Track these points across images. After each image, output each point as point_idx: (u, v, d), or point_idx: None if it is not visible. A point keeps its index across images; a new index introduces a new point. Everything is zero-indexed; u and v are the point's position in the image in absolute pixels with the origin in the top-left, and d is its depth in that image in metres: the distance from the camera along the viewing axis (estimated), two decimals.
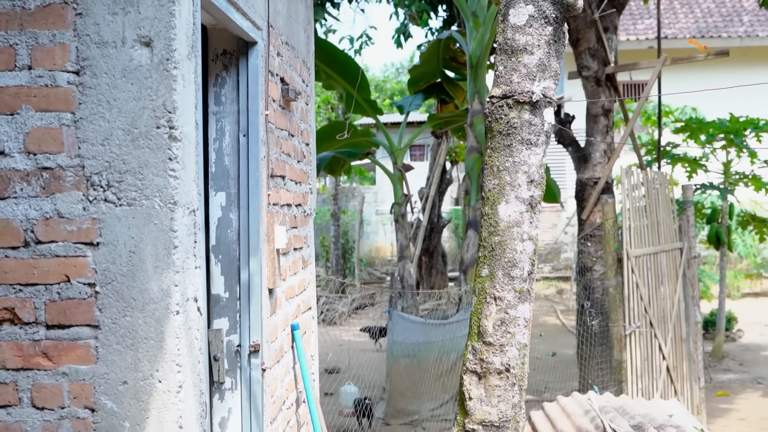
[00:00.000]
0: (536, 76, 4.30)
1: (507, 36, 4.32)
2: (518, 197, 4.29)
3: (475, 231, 12.05)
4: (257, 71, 3.97)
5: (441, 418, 10.61)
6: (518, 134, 4.27)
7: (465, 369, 4.36)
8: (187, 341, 2.86)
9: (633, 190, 8.26)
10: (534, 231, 4.33)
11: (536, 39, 4.30)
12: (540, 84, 4.31)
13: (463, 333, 10.84)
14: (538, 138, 4.33)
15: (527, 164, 4.29)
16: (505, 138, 4.30)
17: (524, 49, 4.29)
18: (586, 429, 5.79)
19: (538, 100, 4.29)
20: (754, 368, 13.27)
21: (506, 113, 4.30)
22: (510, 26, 4.33)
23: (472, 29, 11.98)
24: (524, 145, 4.29)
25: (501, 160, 4.31)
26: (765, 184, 14.11)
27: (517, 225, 4.28)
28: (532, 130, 4.29)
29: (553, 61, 4.38)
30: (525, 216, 4.31)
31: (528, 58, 4.29)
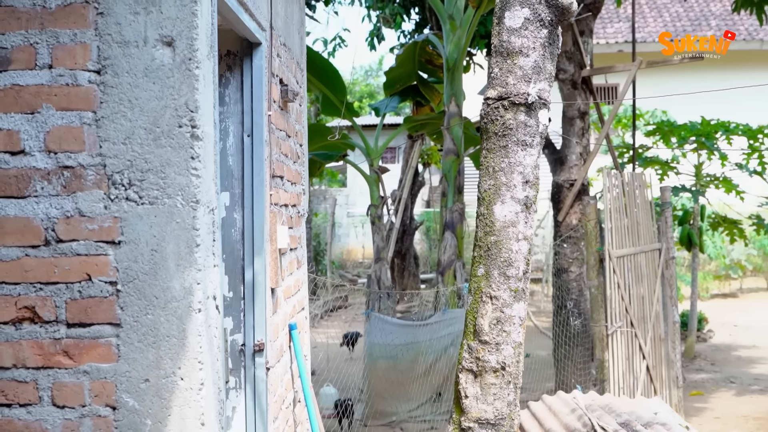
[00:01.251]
0: (531, 78, 4.35)
1: (503, 38, 4.37)
2: (514, 197, 4.34)
3: (452, 233, 12.12)
4: (261, 72, 4.00)
5: (419, 419, 10.64)
6: (514, 135, 4.32)
7: (461, 367, 4.40)
8: (208, 339, 2.87)
9: (613, 191, 8.35)
10: (529, 231, 4.39)
11: (532, 42, 4.35)
12: (535, 86, 4.36)
13: (442, 334, 10.90)
14: (533, 139, 4.38)
15: (522, 165, 4.34)
16: (500, 139, 4.35)
17: (520, 52, 4.34)
18: (574, 427, 5.85)
19: (533, 102, 4.35)
20: (725, 368, 13.43)
21: (502, 114, 4.35)
22: (506, 29, 4.38)
23: (448, 32, 12.05)
24: (519, 146, 4.34)
25: (497, 160, 4.36)
26: (735, 186, 14.29)
27: (512, 225, 4.33)
28: (528, 131, 4.35)
29: (548, 64, 4.44)
30: (520, 216, 4.36)
31: (523, 61, 4.35)
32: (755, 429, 9.85)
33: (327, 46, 16.92)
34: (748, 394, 11.55)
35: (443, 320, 11.07)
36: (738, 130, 14.11)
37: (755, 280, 22.08)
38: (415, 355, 10.89)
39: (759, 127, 14.07)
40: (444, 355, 10.90)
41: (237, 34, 3.87)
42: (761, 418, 10.32)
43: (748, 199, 14.25)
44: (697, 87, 17.93)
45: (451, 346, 10.91)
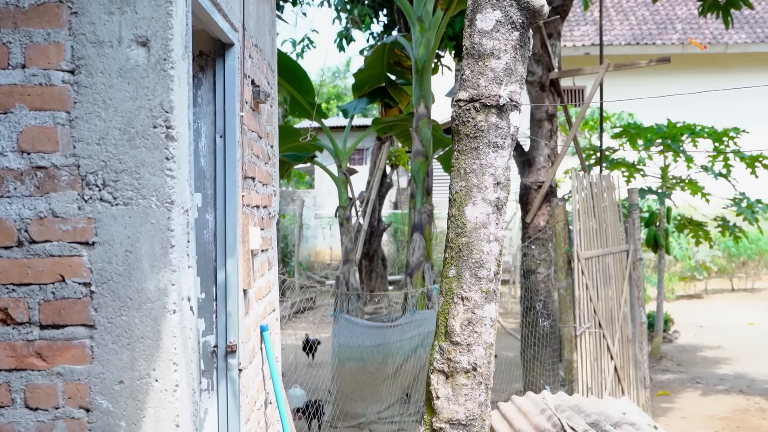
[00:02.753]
0: (503, 80, 4.38)
1: (474, 40, 4.40)
2: (485, 199, 4.36)
3: (420, 234, 12.14)
4: (234, 73, 3.99)
5: (387, 420, 10.66)
6: (485, 137, 4.35)
7: (432, 368, 4.42)
8: (183, 340, 2.86)
9: (582, 192, 8.41)
10: (500, 232, 4.42)
11: (503, 44, 4.38)
12: (507, 88, 4.39)
13: (410, 335, 10.91)
14: (505, 141, 4.41)
15: (494, 167, 4.37)
16: (472, 141, 4.38)
17: (491, 54, 4.37)
18: (544, 427, 5.88)
19: (504, 104, 4.38)
20: (691, 368, 13.56)
21: (473, 116, 4.37)
22: (477, 31, 4.41)
23: (417, 34, 12.07)
24: (491, 148, 4.37)
25: (468, 162, 4.38)
26: (701, 188, 14.42)
27: (483, 226, 4.36)
28: (499, 133, 4.37)
29: (519, 66, 4.47)
30: (491, 217, 4.39)
31: (495, 63, 4.37)
32: (721, 428, 9.95)
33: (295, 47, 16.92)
34: (713, 394, 11.67)
35: (412, 321, 11.09)
36: (704, 133, 14.24)
37: (720, 282, 22.29)
38: (384, 357, 10.91)
39: (724, 129, 14.20)
40: (413, 356, 10.91)
41: (210, 34, 3.86)
42: (727, 418, 10.43)
43: (714, 201, 14.38)
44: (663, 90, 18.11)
45: (420, 347, 10.93)
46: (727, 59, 23.91)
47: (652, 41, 23.65)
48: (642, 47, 23.40)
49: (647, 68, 16.85)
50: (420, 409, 10.78)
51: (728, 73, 21.89)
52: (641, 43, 23.60)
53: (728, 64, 23.65)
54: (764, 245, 21.02)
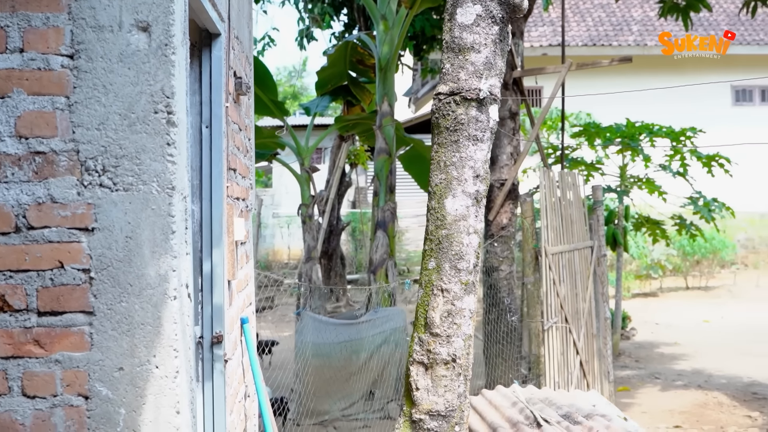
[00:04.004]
0: (483, 74, 4.41)
1: (454, 34, 4.42)
2: (465, 191, 4.39)
3: (384, 232, 12.16)
4: (220, 63, 3.98)
5: (352, 417, 10.66)
6: (465, 130, 4.38)
7: (412, 360, 4.44)
8: (182, 326, 2.85)
9: (549, 189, 8.48)
10: (479, 225, 4.45)
11: (483, 38, 4.41)
12: (487, 81, 4.43)
13: (374, 332, 10.92)
14: (484, 134, 4.45)
15: (473, 159, 4.40)
16: (452, 134, 4.40)
17: (471, 48, 4.40)
18: (517, 420, 5.90)
19: (484, 98, 4.41)
20: (649, 365, 13.73)
21: (453, 110, 4.40)
22: (457, 25, 4.44)
23: (381, 32, 12.10)
24: (471, 141, 4.40)
25: (448, 155, 4.41)
26: (658, 187, 14.60)
27: (463, 219, 4.39)
28: (479, 126, 4.41)
29: (499, 60, 4.50)
30: (471, 210, 4.41)
31: (475, 57, 4.40)
32: (681, 422, 10.09)
33: (256, 45, 16.83)
34: (672, 389, 11.82)
35: (376, 319, 11.11)
36: (661, 132, 14.43)
37: (674, 280, 22.59)
38: (349, 354, 10.91)
39: (682, 129, 14.41)
40: (377, 353, 10.93)
41: (196, 24, 3.85)
42: (686, 412, 10.58)
43: (671, 200, 14.57)
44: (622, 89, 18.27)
45: (384, 344, 10.95)
46: (682, 61, 24.10)
47: (608, 42, 23.91)
48: (599, 48, 23.65)
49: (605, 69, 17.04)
50: (384, 406, 10.80)
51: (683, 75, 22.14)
52: (598, 44, 23.85)
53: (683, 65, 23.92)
54: (718, 244, 21.35)
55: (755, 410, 10.47)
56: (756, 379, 12.25)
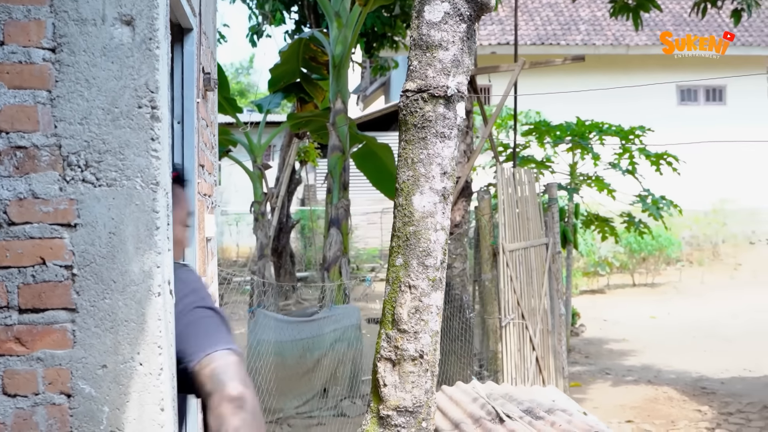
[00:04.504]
0: (451, 71, 4.44)
1: (422, 32, 4.44)
2: (432, 188, 4.42)
3: (337, 229, 12.16)
4: (192, 58, 3.95)
5: (306, 415, 10.65)
6: (433, 127, 4.40)
7: (379, 356, 4.45)
8: (166, 323, 2.82)
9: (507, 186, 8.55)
10: (446, 222, 4.48)
11: (451, 35, 4.44)
12: (454, 79, 4.45)
13: (328, 330, 10.92)
14: (451, 131, 4.47)
15: (441, 156, 4.42)
16: (419, 131, 4.42)
17: (439, 45, 4.42)
18: (479, 415, 5.94)
19: (452, 95, 4.44)
20: (599, 360, 13.89)
21: (421, 107, 4.42)
22: (425, 22, 4.46)
23: (335, 30, 12.09)
24: (438, 138, 4.42)
25: (416, 152, 4.43)
26: (607, 185, 14.78)
27: (431, 215, 4.41)
28: (446, 123, 4.43)
29: (466, 58, 4.53)
30: (438, 207, 4.44)
31: (443, 54, 4.43)
32: (633, 417, 10.23)
33: None
34: (623, 385, 11.98)
35: (330, 316, 11.11)
36: (611, 131, 14.61)
37: (621, 277, 22.88)
38: (302, 352, 10.89)
39: (631, 128, 14.60)
40: (331, 351, 10.93)
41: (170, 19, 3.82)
42: (637, 407, 10.73)
43: (620, 198, 14.74)
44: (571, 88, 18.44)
45: (338, 341, 10.95)
46: (629, 60, 24.57)
47: (557, 42, 24.14)
48: (547, 47, 23.87)
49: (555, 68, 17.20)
50: (338, 404, 10.80)
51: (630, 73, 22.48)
52: (546, 43, 24.07)
53: (630, 64, 24.30)
54: (664, 241, 21.64)
55: (704, 404, 10.65)
56: (704, 374, 12.46)
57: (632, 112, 20.31)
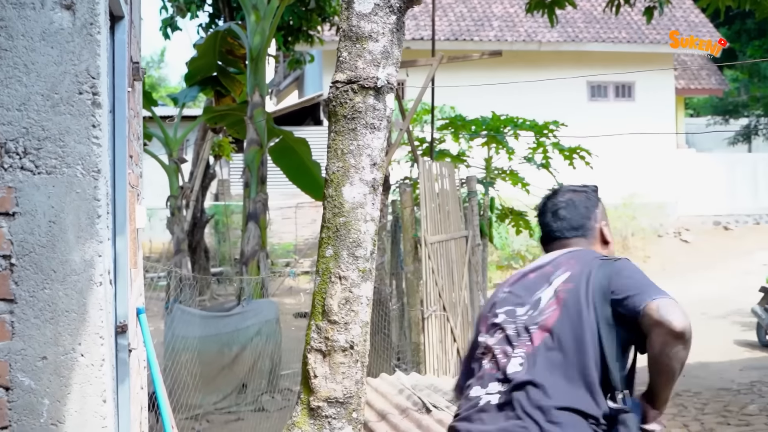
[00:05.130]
0: (381, 62, 4.45)
1: (352, 23, 4.44)
2: (362, 179, 4.42)
3: (255, 223, 12.08)
4: (123, 47, 3.89)
5: (224, 411, 10.57)
6: (363, 118, 4.41)
7: (309, 348, 4.44)
8: (107, 313, 2.78)
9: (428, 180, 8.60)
10: (376, 213, 4.49)
11: (381, 27, 4.45)
12: (384, 70, 4.46)
13: (246, 325, 10.85)
14: (381, 122, 4.49)
15: (371, 148, 4.43)
16: (349, 122, 4.42)
17: (369, 37, 4.43)
18: (406, 406, 5.98)
19: (382, 86, 4.45)
20: None
21: (351, 98, 4.42)
22: (355, 14, 4.46)
23: (252, 23, 12.00)
24: (368, 129, 4.43)
25: (345, 143, 4.43)
26: (522, 179, 14.94)
27: (361, 206, 4.42)
28: (376, 114, 4.44)
29: (396, 49, 4.55)
30: (368, 198, 4.45)
31: (373, 45, 4.44)
32: None
33: None
34: None
35: (248, 311, 11.04)
36: (525, 126, 14.78)
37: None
38: (220, 347, 10.80)
39: (545, 122, 14.78)
40: (249, 345, 10.86)
41: None
42: None
43: (535, 191, 14.90)
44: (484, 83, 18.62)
45: (256, 336, 10.89)
46: (541, 56, 24.92)
47: (470, 38, 24.35)
48: (461, 43, 24.06)
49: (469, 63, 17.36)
50: (257, 399, 10.74)
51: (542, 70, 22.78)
52: (460, 39, 24.26)
53: (542, 61, 24.65)
54: None
55: None
56: None
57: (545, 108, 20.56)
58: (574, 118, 17.80)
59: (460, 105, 18.31)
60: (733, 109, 34.39)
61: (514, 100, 18.77)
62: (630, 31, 25.92)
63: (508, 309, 3.31)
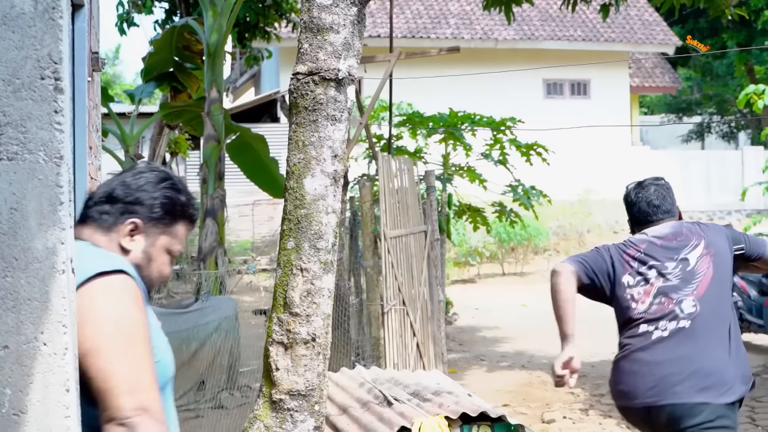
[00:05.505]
0: (342, 54, 4.46)
1: (313, 15, 4.45)
2: (323, 171, 4.43)
3: (213, 220, 12.03)
4: (83, 35, 3.85)
5: (183, 408, 10.50)
6: (324, 110, 4.42)
7: (271, 340, 4.44)
8: (69, 302, 2.74)
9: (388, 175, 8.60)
10: (337, 204, 4.50)
11: (342, 18, 4.46)
12: (345, 62, 4.47)
13: (205, 321, 10.79)
14: (342, 114, 4.50)
15: (332, 139, 4.44)
16: (310, 114, 4.43)
17: (330, 28, 4.44)
18: (367, 399, 5.98)
19: (343, 78, 4.46)
20: (473, 347, 14.13)
21: (312, 89, 4.43)
22: (316, 5, 4.47)
23: (210, 19, 11.95)
24: (329, 121, 4.44)
25: (306, 135, 4.43)
26: (479, 175, 15.00)
27: (322, 198, 4.42)
28: (337, 106, 4.45)
29: (357, 41, 4.56)
30: (329, 189, 4.46)
31: (334, 37, 4.45)
32: (509, 401, 10.45)
33: None
34: (498, 370, 12.22)
35: (207, 307, 11.00)
36: (482, 122, 14.84)
37: (491, 267, 23.32)
38: (178, 344, 10.72)
39: (502, 119, 14.84)
40: (208, 342, 10.81)
41: None
42: (513, 391, 10.97)
43: (492, 188, 14.96)
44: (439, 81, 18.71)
45: (215, 333, 10.84)
46: (497, 54, 25.06)
47: (427, 35, 24.44)
48: (417, 40, 24.14)
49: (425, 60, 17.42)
50: (216, 396, 10.68)
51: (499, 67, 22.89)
52: (416, 36, 24.33)
53: (498, 58, 24.77)
54: (533, 231, 22.13)
55: (577, 387, 10.95)
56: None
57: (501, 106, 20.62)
58: (530, 115, 17.92)
59: (417, 102, 18.37)
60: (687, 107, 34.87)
61: (470, 98, 18.86)
62: (585, 30, 26.17)
63: (656, 264, 4.49)
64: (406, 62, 14.91)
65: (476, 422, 5.39)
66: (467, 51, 23.55)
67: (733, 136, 36.30)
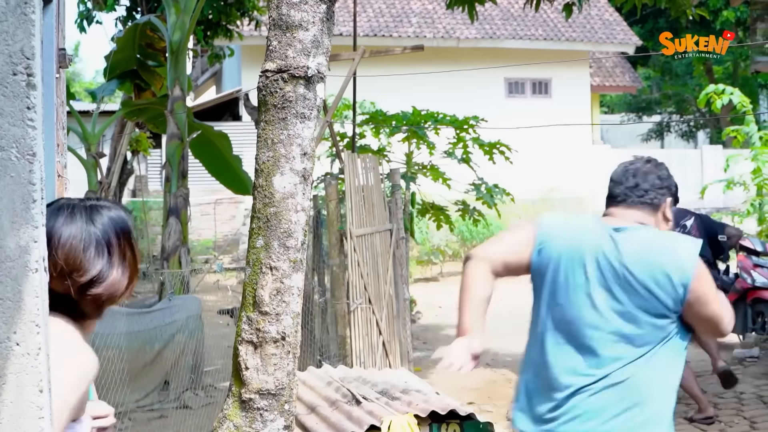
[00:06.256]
0: (311, 51, 4.45)
1: (282, 12, 4.43)
2: (293, 169, 4.41)
3: (176, 218, 11.95)
4: (52, 31, 3.81)
5: (147, 408, 10.45)
6: (293, 108, 4.40)
7: (240, 339, 4.42)
8: (42, 301, 2.71)
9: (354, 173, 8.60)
10: (306, 202, 4.48)
11: (311, 16, 4.44)
12: (314, 59, 4.46)
13: (168, 321, 10.73)
14: (311, 112, 4.48)
15: (301, 137, 4.42)
16: (279, 111, 4.41)
17: (299, 26, 4.42)
18: (335, 398, 5.97)
19: (312, 75, 4.45)
20: (436, 346, 14.05)
21: (281, 87, 4.41)
22: (285, 2, 4.45)
23: (173, 16, 11.87)
24: (298, 119, 4.42)
25: (276, 132, 4.41)
26: (442, 174, 15.02)
27: (291, 196, 4.41)
28: (306, 104, 4.44)
29: (326, 39, 4.55)
30: (299, 187, 4.44)
31: (303, 34, 4.43)
32: (474, 399, 10.47)
33: None
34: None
35: (171, 307, 10.93)
36: (446, 121, 14.85)
37: (454, 265, 23.32)
38: (141, 344, 10.66)
39: (465, 118, 14.87)
40: (171, 342, 10.74)
41: None
42: (478, 389, 10.99)
43: (456, 186, 14.98)
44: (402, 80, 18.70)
45: (178, 332, 10.78)
46: (459, 53, 25.14)
47: (389, 33, 24.45)
48: (380, 39, 24.14)
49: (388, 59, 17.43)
50: (180, 395, 10.62)
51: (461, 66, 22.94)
52: (378, 35, 24.34)
53: (460, 57, 24.84)
54: (495, 230, 22.16)
55: None
56: None
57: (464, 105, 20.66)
58: (492, 114, 17.93)
59: (381, 101, 18.38)
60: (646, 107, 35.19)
61: (433, 97, 18.89)
62: (546, 29, 26.32)
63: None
64: (370, 61, 14.89)
65: (445, 420, 5.40)
66: (430, 50, 23.57)
67: (692, 135, 36.74)
